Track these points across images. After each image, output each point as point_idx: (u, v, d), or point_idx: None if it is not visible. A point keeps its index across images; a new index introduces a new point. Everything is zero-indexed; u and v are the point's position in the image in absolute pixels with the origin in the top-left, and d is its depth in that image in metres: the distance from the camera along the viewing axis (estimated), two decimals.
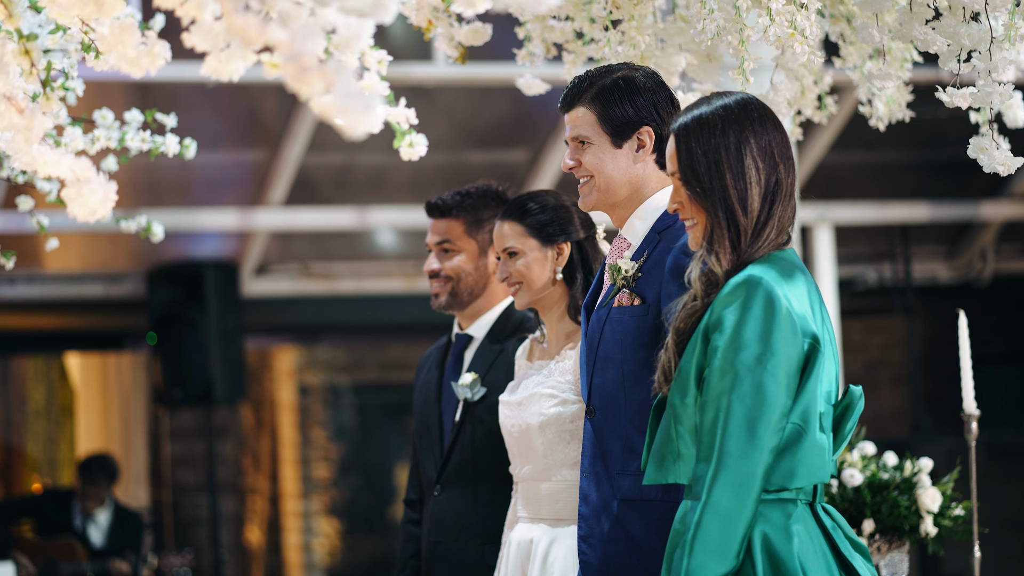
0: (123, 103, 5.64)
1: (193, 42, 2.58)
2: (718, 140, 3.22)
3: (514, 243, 4.04)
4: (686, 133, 3.25)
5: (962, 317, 4.54)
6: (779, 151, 3.24)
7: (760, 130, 3.23)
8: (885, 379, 11.78)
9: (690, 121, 3.26)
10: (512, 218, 4.07)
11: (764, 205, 3.20)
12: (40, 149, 2.87)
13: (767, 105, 3.32)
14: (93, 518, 9.13)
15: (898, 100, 4.60)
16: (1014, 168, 3.63)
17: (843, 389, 3.27)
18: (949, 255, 10.86)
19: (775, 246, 3.22)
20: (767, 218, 3.20)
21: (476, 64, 8.17)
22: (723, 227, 3.19)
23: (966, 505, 4.51)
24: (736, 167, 3.20)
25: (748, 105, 3.26)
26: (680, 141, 3.25)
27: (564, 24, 4.27)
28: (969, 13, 3.61)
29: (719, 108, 3.25)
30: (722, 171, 3.20)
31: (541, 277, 4.02)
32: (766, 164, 3.22)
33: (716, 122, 3.23)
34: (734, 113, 3.24)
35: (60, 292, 9.60)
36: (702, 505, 3.04)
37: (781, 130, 3.27)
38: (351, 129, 2.47)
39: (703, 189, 3.21)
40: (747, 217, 3.19)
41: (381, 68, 2.96)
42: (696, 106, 3.29)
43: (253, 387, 11.52)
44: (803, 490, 3.16)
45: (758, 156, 3.21)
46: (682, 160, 3.24)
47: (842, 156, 9.80)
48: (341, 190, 9.23)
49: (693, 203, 3.23)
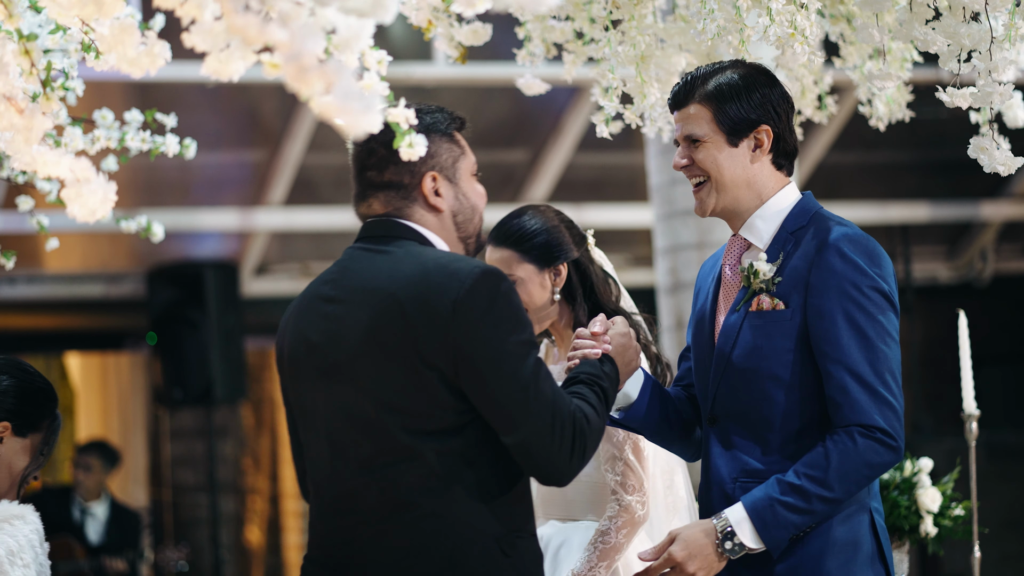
0: (123, 103, 5.64)
1: (193, 42, 2.58)
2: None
3: (510, 270, 3.95)
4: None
5: (962, 317, 4.54)
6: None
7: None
8: None
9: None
10: (507, 245, 3.97)
11: None
12: (40, 149, 2.87)
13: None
14: (90, 512, 9.13)
15: (898, 100, 4.60)
16: (1014, 168, 3.63)
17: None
18: (949, 255, 10.87)
19: None
20: None
21: (476, 64, 8.18)
22: None
23: (966, 505, 4.50)
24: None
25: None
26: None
27: (564, 24, 4.27)
28: (969, 13, 3.61)
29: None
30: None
31: (541, 299, 3.97)
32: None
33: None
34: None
35: (60, 292, 9.60)
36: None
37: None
38: (351, 129, 2.47)
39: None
40: None
41: (381, 68, 2.96)
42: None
43: (253, 387, 11.52)
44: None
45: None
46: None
47: (842, 156, 9.81)
48: (341, 190, 9.23)
49: None
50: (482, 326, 3.04)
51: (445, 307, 3.04)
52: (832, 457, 3.26)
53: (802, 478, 3.26)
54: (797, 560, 3.34)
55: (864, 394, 3.30)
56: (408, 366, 3.06)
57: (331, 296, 3.20)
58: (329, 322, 3.17)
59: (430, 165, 3.23)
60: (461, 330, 3.03)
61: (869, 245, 3.37)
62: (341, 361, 3.13)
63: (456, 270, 3.09)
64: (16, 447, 3.65)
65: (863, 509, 3.38)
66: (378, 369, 3.08)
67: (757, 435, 3.39)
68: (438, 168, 3.25)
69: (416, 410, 3.06)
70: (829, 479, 3.26)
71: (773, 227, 3.46)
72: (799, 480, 3.26)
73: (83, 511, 9.12)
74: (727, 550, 3.28)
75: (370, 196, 3.28)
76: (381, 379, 3.08)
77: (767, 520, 3.27)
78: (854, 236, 3.38)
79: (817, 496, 3.26)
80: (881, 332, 3.35)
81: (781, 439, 3.37)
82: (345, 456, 3.13)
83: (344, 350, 3.13)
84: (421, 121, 3.15)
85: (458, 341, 3.04)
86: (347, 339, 3.12)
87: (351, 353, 3.11)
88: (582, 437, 3.07)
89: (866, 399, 3.30)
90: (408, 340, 3.06)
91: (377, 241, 3.23)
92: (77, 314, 9.96)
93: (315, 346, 3.18)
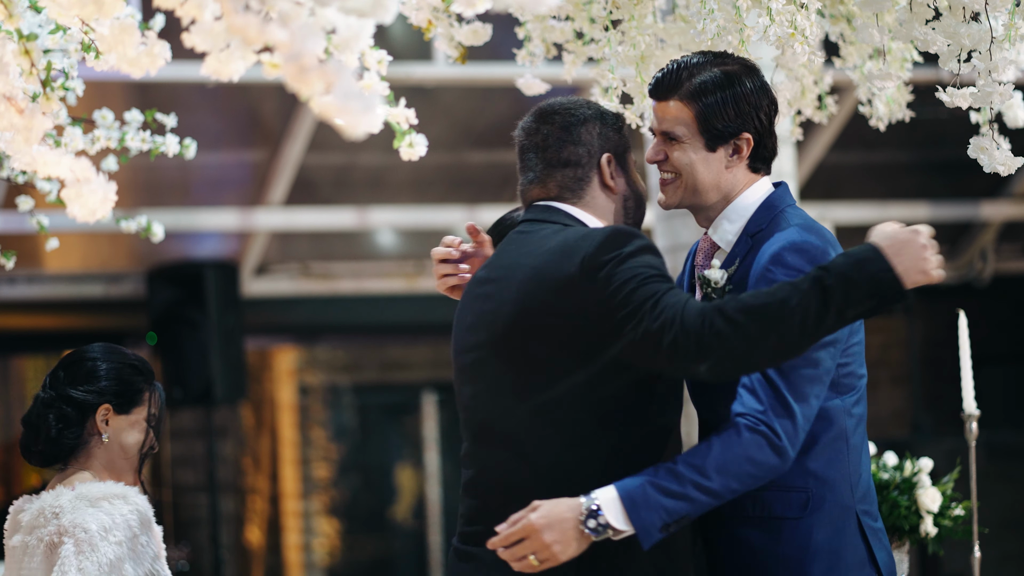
0: (123, 103, 5.64)
1: (193, 42, 2.58)
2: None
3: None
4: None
5: (962, 317, 4.54)
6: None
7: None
8: (885, 379, 11.78)
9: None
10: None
11: None
12: (40, 149, 2.87)
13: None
14: None
15: (898, 100, 4.59)
16: (1014, 168, 3.63)
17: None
18: (949, 255, 10.86)
19: None
20: None
21: (476, 64, 8.17)
22: None
23: (966, 505, 4.50)
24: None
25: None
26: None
27: (564, 24, 4.27)
28: (969, 13, 3.61)
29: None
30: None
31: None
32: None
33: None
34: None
35: (60, 292, 9.60)
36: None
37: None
38: (351, 129, 2.47)
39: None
40: None
41: (381, 68, 2.96)
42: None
43: (253, 387, 11.52)
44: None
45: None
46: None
47: (842, 156, 9.81)
48: (341, 190, 9.23)
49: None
50: (611, 272, 3.10)
51: (575, 266, 3.13)
52: (714, 446, 3.13)
53: (680, 463, 3.12)
54: (778, 567, 3.28)
55: (765, 391, 3.17)
56: (552, 332, 3.15)
57: (485, 278, 3.32)
58: (482, 302, 3.28)
59: (606, 147, 3.34)
60: (591, 282, 3.11)
61: (814, 253, 3.28)
62: (497, 334, 3.23)
63: (590, 232, 3.19)
64: (123, 425, 3.82)
65: (847, 513, 3.30)
66: (526, 339, 3.17)
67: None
68: (612, 151, 3.35)
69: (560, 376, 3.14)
70: (707, 466, 3.11)
71: (738, 228, 3.40)
72: (677, 465, 3.12)
73: None
74: (590, 528, 3.10)
75: (547, 177, 3.36)
76: (528, 351, 3.17)
77: (636, 500, 3.10)
78: (800, 244, 3.29)
79: (692, 482, 3.10)
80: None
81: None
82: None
83: (496, 325, 3.23)
84: (592, 108, 3.35)
85: (589, 293, 3.11)
86: (498, 315, 3.23)
87: (503, 327, 3.21)
88: (682, 334, 3.04)
89: (766, 396, 3.17)
90: (548, 306, 3.15)
91: (532, 224, 3.33)
92: (77, 314, 9.95)
93: (471, 326, 3.30)
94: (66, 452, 3.81)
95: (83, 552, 3.64)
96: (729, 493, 3.13)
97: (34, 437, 3.81)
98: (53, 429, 3.79)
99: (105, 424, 3.79)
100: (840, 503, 3.30)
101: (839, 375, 3.31)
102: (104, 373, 3.81)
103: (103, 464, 3.81)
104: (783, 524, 3.30)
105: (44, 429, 3.79)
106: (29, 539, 3.75)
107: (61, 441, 3.79)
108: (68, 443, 3.79)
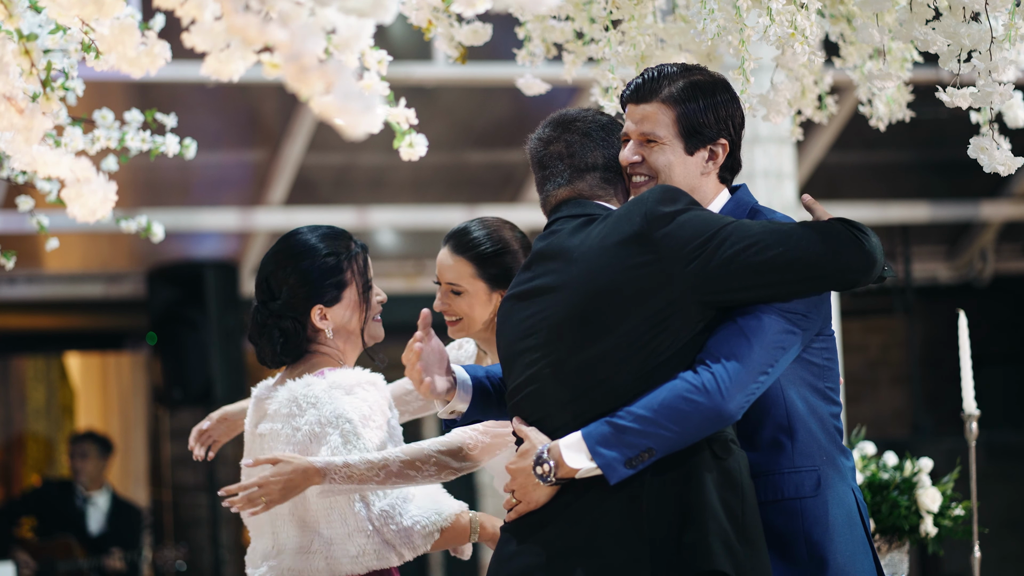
0: (123, 103, 5.64)
1: (193, 42, 2.58)
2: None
3: (462, 283, 3.97)
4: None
5: (962, 317, 4.54)
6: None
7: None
8: (885, 379, 11.78)
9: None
10: (466, 257, 3.98)
11: None
12: (40, 149, 2.88)
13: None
14: (92, 502, 9.21)
15: (898, 100, 4.60)
16: (1014, 168, 3.63)
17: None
18: (949, 255, 10.87)
19: None
20: None
21: (476, 64, 8.18)
22: None
23: (966, 505, 4.51)
24: None
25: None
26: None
27: (564, 24, 4.28)
28: (969, 13, 3.61)
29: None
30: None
31: (482, 317, 3.97)
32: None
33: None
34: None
35: (60, 292, 9.60)
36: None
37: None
38: (351, 129, 2.47)
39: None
40: None
41: (381, 68, 2.96)
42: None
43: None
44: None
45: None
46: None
47: (842, 156, 9.81)
48: (341, 190, 9.23)
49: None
50: (679, 220, 3.27)
51: (636, 224, 3.29)
52: (664, 387, 3.24)
53: (634, 405, 3.25)
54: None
55: (723, 346, 3.27)
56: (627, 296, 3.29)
57: (531, 275, 3.46)
58: (539, 294, 3.42)
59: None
60: (663, 231, 3.26)
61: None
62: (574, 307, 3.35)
63: (640, 197, 3.37)
64: (339, 312, 3.96)
65: (837, 483, 3.40)
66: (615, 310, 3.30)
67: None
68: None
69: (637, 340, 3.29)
70: (652, 402, 3.22)
71: None
72: (633, 407, 3.25)
73: (85, 500, 9.22)
74: (539, 475, 3.27)
75: (576, 179, 3.49)
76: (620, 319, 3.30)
77: (595, 435, 3.24)
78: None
79: (639, 416, 3.22)
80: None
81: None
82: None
83: (562, 306, 3.36)
84: (604, 115, 3.56)
85: (663, 240, 3.26)
86: (569, 292, 3.35)
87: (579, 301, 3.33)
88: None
89: (721, 349, 3.27)
90: (616, 270, 3.29)
91: (567, 220, 3.45)
92: (77, 314, 9.96)
93: (532, 315, 3.43)
94: (298, 354, 3.97)
95: (349, 442, 3.78)
96: (672, 427, 3.22)
97: (263, 349, 4.00)
98: (278, 344, 3.95)
99: (323, 320, 3.93)
100: (829, 482, 3.40)
101: (821, 359, 3.44)
102: (300, 278, 3.91)
103: (335, 348, 3.97)
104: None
105: (269, 345, 3.96)
106: (281, 427, 3.90)
107: (288, 349, 3.96)
108: (295, 349, 3.96)
